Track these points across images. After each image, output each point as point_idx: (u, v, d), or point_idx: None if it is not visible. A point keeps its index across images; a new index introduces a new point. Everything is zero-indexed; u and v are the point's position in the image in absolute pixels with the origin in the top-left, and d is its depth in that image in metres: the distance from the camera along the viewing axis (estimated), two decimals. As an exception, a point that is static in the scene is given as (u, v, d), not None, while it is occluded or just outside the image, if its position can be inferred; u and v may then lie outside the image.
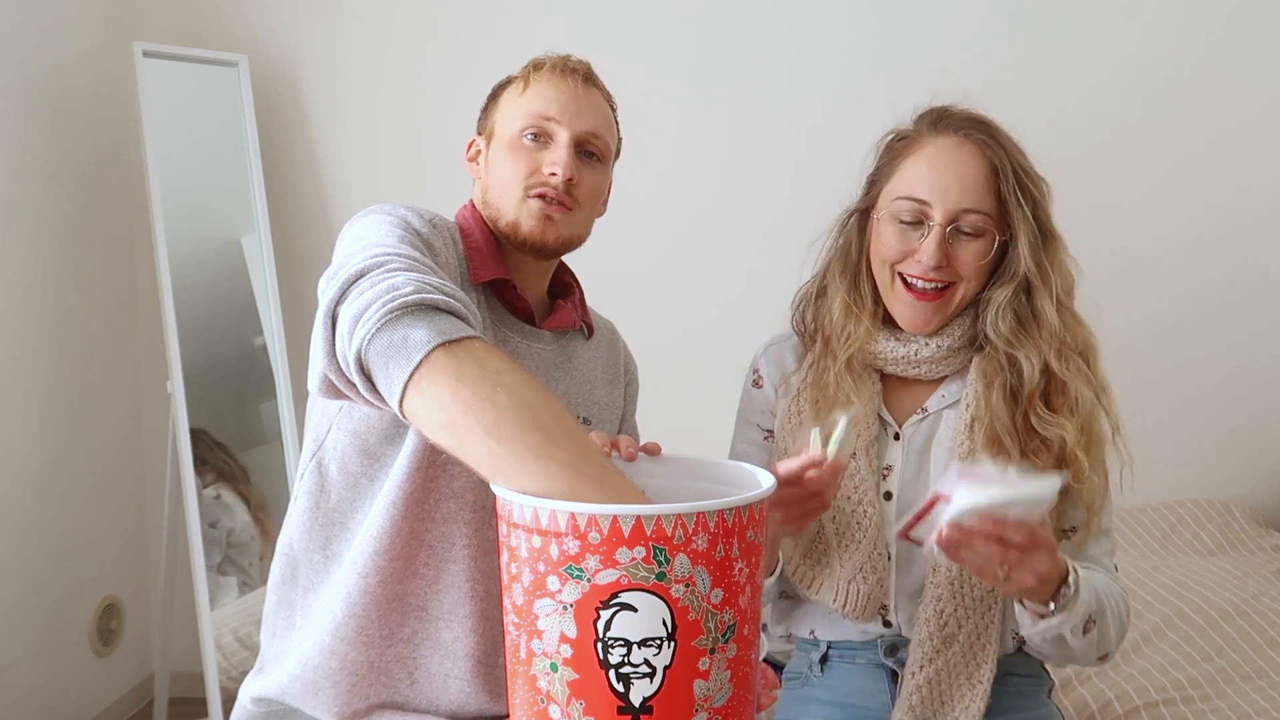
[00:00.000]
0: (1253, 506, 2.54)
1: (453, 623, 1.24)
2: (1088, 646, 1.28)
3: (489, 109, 1.36)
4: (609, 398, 1.41)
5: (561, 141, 1.29)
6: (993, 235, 1.32)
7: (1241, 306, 2.57)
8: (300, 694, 1.25)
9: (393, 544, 1.19)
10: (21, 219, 2.36)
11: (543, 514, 0.91)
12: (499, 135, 1.32)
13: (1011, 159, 1.33)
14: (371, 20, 2.68)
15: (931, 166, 1.33)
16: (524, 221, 1.28)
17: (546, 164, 1.29)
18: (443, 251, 1.20)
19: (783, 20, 2.59)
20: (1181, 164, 2.55)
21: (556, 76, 1.32)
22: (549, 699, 0.93)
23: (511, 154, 1.29)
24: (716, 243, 2.66)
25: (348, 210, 2.71)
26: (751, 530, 0.94)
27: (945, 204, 1.31)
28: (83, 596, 2.57)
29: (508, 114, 1.32)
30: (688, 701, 0.92)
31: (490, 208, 1.31)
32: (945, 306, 1.35)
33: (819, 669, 1.43)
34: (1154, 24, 2.52)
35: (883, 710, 1.38)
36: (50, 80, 2.44)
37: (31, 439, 2.38)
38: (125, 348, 2.70)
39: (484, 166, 1.34)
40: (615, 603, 0.89)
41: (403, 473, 1.18)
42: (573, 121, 1.30)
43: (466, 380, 0.94)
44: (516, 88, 1.33)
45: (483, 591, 1.24)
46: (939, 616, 1.33)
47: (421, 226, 1.19)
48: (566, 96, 1.31)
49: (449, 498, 1.22)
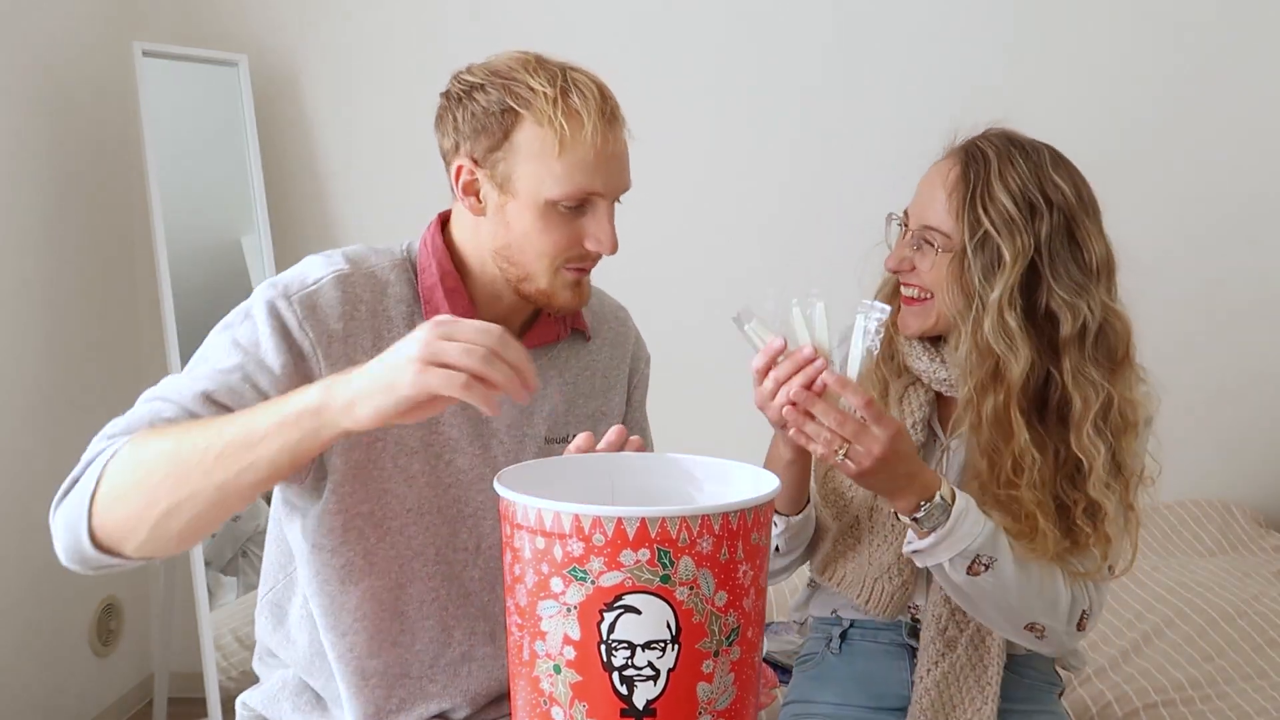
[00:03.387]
0: (1253, 507, 2.54)
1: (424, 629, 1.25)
2: (980, 594, 1.24)
3: (500, 147, 1.17)
4: (603, 407, 1.36)
5: (603, 211, 1.19)
6: (949, 247, 1.30)
7: (1241, 307, 2.57)
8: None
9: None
10: (21, 219, 2.36)
11: (546, 515, 0.91)
12: (524, 194, 1.17)
13: (990, 177, 1.29)
14: (372, 20, 2.67)
15: (922, 184, 1.36)
16: (559, 293, 1.21)
17: (590, 239, 1.19)
18: (342, 329, 1.15)
19: (783, 19, 2.59)
20: (1181, 166, 2.55)
21: (599, 139, 1.16)
22: (552, 701, 0.93)
23: (547, 224, 1.18)
24: (715, 242, 2.66)
25: (348, 210, 2.71)
26: (756, 533, 0.94)
27: (914, 214, 1.35)
28: (82, 596, 2.56)
29: (537, 174, 1.16)
30: (691, 704, 0.92)
31: (512, 265, 1.21)
32: (923, 317, 1.34)
33: (838, 645, 1.44)
34: (1156, 30, 2.52)
35: (902, 688, 1.39)
36: (50, 80, 2.44)
37: (31, 439, 2.38)
38: (125, 348, 2.70)
39: (497, 216, 1.20)
40: (619, 605, 0.89)
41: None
42: (618, 185, 1.21)
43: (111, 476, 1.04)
44: (546, 139, 1.15)
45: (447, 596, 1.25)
46: (937, 621, 1.33)
47: (277, 336, 1.13)
48: (611, 159, 1.18)
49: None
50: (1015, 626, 1.30)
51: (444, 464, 1.23)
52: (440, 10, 2.66)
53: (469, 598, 1.26)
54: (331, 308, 1.17)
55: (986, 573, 1.22)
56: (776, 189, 2.63)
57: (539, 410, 1.29)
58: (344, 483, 1.19)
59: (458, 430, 1.24)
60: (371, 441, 1.19)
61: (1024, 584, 1.24)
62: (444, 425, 1.23)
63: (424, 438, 1.22)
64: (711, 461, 1.12)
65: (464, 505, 1.25)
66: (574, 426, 1.30)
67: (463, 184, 1.21)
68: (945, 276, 1.30)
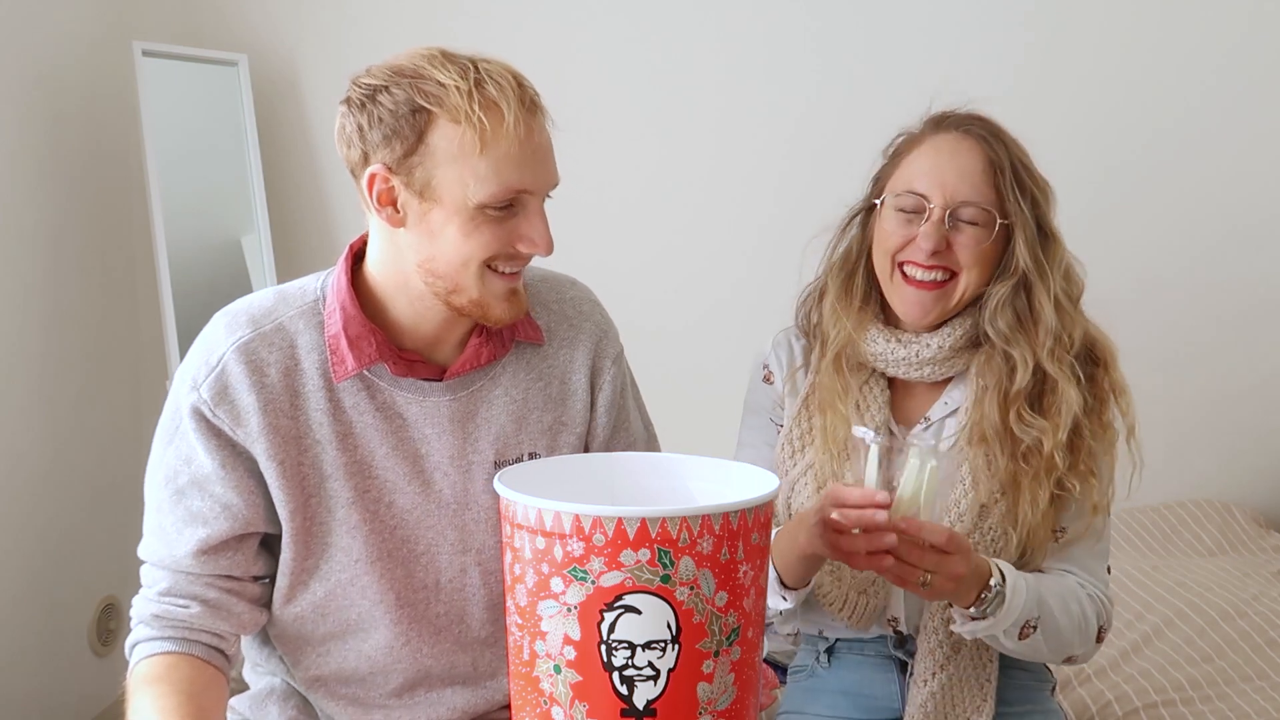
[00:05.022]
0: (1253, 507, 2.54)
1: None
2: (1033, 649, 1.28)
3: (416, 151, 1.08)
4: (562, 417, 1.27)
5: (534, 210, 1.13)
6: (991, 223, 1.32)
7: (1242, 307, 2.57)
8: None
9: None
10: (21, 219, 2.35)
11: (547, 515, 0.91)
12: (448, 200, 1.09)
13: (1012, 155, 1.34)
14: (372, 19, 2.67)
15: (932, 161, 1.34)
16: (493, 305, 1.15)
17: (523, 241, 1.12)
18: (255, 400, 1.15)
19: (780, 18, 2.59)
20: (1184, 175, 2.55)
21: (522, 129, 1.08)
22: (552, 700, 0.93)
23: (475, 228, 1.10)
24: (714, 242, 2.66)
25: (348, 210, 2.71)
26: (756, 533, 0.94)
27: (944, 194, 1.32)
28: (83, 596, 2.56)
29: (460, 177, 1.08)
30: (691, 704, 0.92)
31: (438, 278, 1.13)
32: (945, 298, 1.34)
33: (826, 660, 1.44)
34: (1167, 39, 2.52)
35: (892, 699, 1.39)
36: (50, 80, 2.44)
37: (31, 439, 2.38)
38: (125, 348, 2.70)
39: (419, 226, 1.12)
40: (619, 605, 0.89)
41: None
42: (546, 181, 1.14)
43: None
44: (465, 138, 1.07)
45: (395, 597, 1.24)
46: (946, 625, 1.32)
47: (203, 438, 1.15)
48: (536, 151, 1.11)
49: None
50: (1054, 662, 1.34)
51: (384, 507, 1.20)
52: (441, 10, 2.66)
53: (441, 634, 1.25)
54: (239, 382, 1.15)
55: (1035, 633, 1.26)
56: (777, 189, 2.62)
57: (483, 435, 1.22)
58: (291, 544, 1.19)
59: (393, 472, 1.20)
60: (305, 500, 1.18)
61: (1065, 625, 1.28)
62: (378, 469, 1.19)
63: (358, 486, 1.19)
64: (711, 461, 1.12)
65: (414, 545, 1.22)
66: (528, 444, 1.25)
67: (378, 194, 1.11)
68: (985, 244, 1.32)
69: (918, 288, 1.34)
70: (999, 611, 1.22)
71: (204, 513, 1.16)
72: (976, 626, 1.25)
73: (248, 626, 1.21)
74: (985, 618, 1.23)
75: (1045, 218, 1.35)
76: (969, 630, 1.26)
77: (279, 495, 1.17)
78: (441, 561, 1.23)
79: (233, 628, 1.19)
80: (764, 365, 1.47)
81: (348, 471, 1.18)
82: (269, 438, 1.15)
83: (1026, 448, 1.30)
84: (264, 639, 1.29)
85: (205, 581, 1.18)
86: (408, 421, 1.20)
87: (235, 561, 1.18)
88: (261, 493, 1.18)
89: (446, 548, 1.22)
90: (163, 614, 1.17)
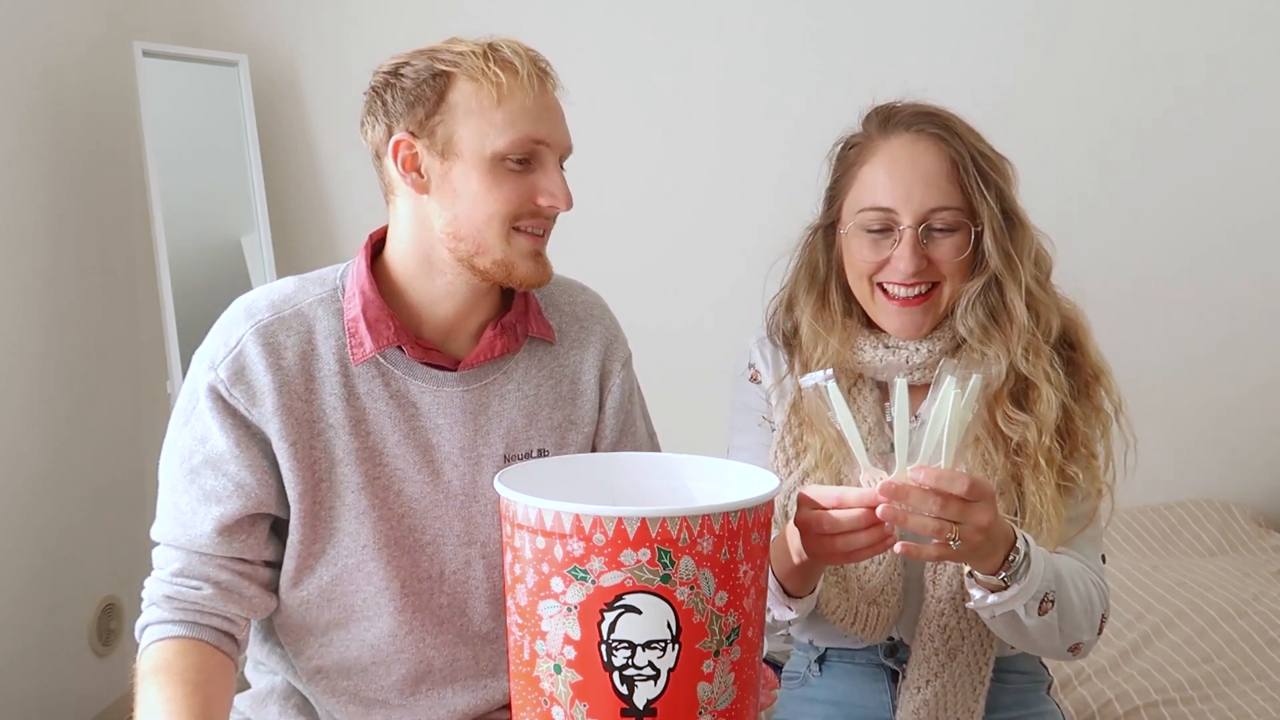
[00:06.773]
0: (1253, 507, 2.54)
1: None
2: (1047, 630, 1.21)
3: (437, 111, 1.15)
4: (571, 415, 1.29)
5: (551, 164, 1.17)
6: (967, 227, 1.28)
7: (1242, 307, 2.57)
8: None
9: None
10: (21, 219, 2.36)
11: (547, 515, 0.91)
12: (468, 153, 1.14)
13: (969, 147, 1.28)
14: (372, 19, 2.67)
15: (890, 171, 1.28)
16: (518, 264, 1.17)
17: (543, 195, 1.16)
18: (271, 381, 1.17)
19: (780, 18, 2.59)
20: (1183, 171, 2.55)
21: (535, 84, 1.15)
22: (552, 700, 0.93)
23: (496, 180, 1.14)
24: (714, 242, 2.66)
25: (348, 210, 2.71)
26: (757, 532, 0.94)
27: (911, 207, 1.26)
28: (83, 596, 2.56)
29: (479, 129, 1.13)
30: (691, 704, 0.92)
31: (462, 241, 1.16)
32: (934, 308, 1.30)
33: (817, 669, 1.43)
34: (1169, 37, 2.52)
35: (883, 709, 1.38)
36: (50, 80, 2.44)
37: (31, 439, 2.38)
38: (125, 348, 2.70)
39: (442, 186, 1.16)
40: (619, 605, 0.89)
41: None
42: (561, 139, 1.18)
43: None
44: (483, 92, 1.14)
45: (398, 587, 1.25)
46: (943, 631, 1.30)
47: (220, 417, 1.17)
48: (550, 110, 1.17)
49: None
50: (1061, 651, 1.27)
51: (393, 495, 1.21)
52: (441, 10, 2.66)
53: (443, 625, 1.25)
54: (256, 363, 1.17)
55: (1053, 609, 1.20)
56: (777, 189, 2.62)
57: (494, 428, 1.24)
58: (299, 527, 1.20)
59: (404, 460, 1.21)
60: (315, 483, 1.19)
61: (1078, 603, 1.23)
62: (388, 456, 1.21)
63: (368, 472, 1.20)
64: (711, 461, 1.12)
65: (420, 534, 1.23)
66: (537, 440, 1.26)
67: (402, 159, 1.16)
68: (966, 251, 1.28)
69: (903, 305, 1.29)
70: (1025, 577, 1.15)
71: (218, 491, 1.17)
72: (1001, 598, 1.17)
73: (258, 610, 1.21)
74: (1008, 586, 1.16)
75: (1010, 202, 1.30)
76: (991, 603, 1.18)
77: (290, 477, 1.18)
78: (446, 552, 1.24)
79: (243, 611, 1.20)
80: (750, 365, 1.43)
81: (359, 457, 1.20)
82: (282, 419, 1.17)
83: (1018, 443, 1.27)
84: (267, 633, 1.30)
85: (219, 563, 1.18)
86: (420, 410, 1.22)
87: (248, 544, 1.19)
88: (274, 474, 1.19)
89: (452, 539, 1.24)
90: (175, 595, 1.18)
